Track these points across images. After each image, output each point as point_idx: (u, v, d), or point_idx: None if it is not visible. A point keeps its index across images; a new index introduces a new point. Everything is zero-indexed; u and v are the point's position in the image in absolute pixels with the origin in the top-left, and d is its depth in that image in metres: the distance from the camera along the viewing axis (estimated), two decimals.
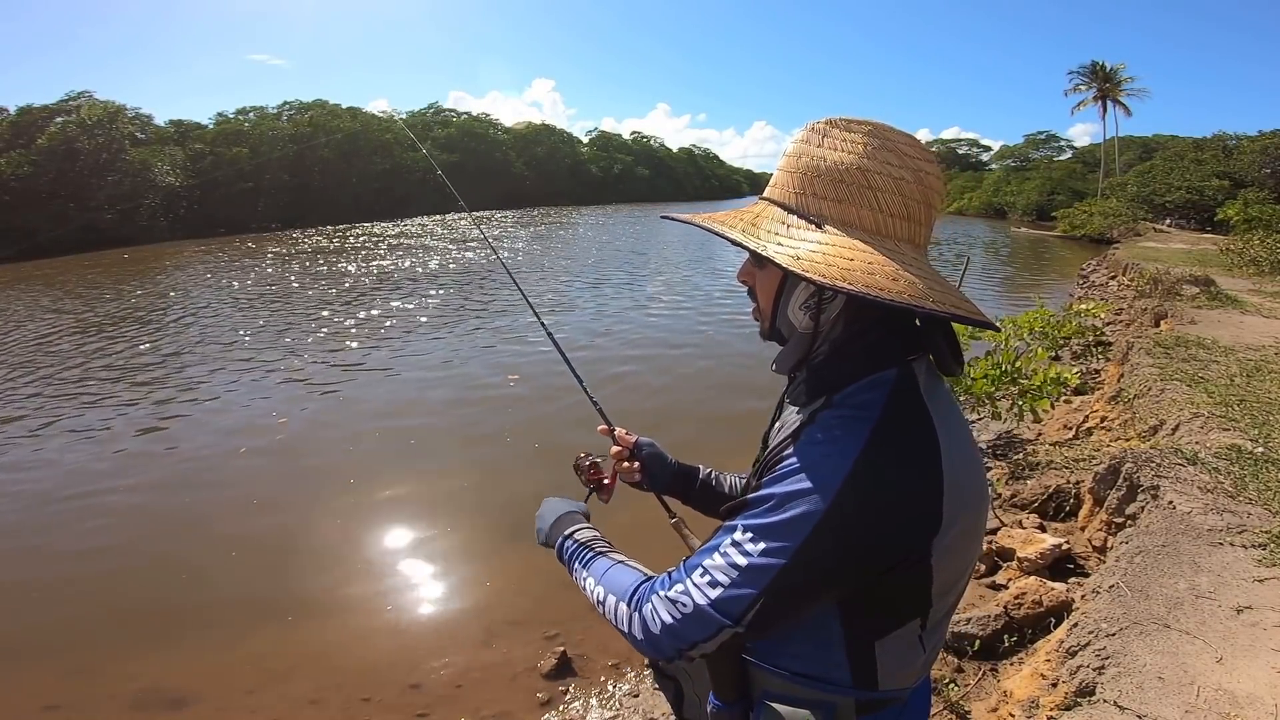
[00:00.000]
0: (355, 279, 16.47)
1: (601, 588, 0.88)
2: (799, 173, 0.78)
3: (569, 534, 1.02)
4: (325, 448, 5.96)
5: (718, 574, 0.73)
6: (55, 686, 3.13)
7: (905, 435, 0.72)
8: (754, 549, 0.71)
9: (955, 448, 0.73)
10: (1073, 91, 44.37)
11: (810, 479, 0.69)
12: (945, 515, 0.70)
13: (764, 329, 0.89)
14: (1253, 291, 9.11)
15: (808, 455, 0.72)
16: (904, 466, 0.70)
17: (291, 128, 42.74)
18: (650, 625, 0.78)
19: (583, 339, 9.76)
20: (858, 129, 0.76)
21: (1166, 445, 3.35)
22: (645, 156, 79.31)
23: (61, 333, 11.05)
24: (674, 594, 0.76)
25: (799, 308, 0.82)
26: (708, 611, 0.73)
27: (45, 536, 4.52)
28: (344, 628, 3.52)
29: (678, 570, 0.79)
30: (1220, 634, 1.98)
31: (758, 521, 0.71)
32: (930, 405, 0.75)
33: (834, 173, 0.75)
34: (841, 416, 0.74)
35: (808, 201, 0.76)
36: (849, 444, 0.70)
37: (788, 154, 0.81)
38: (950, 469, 0.71)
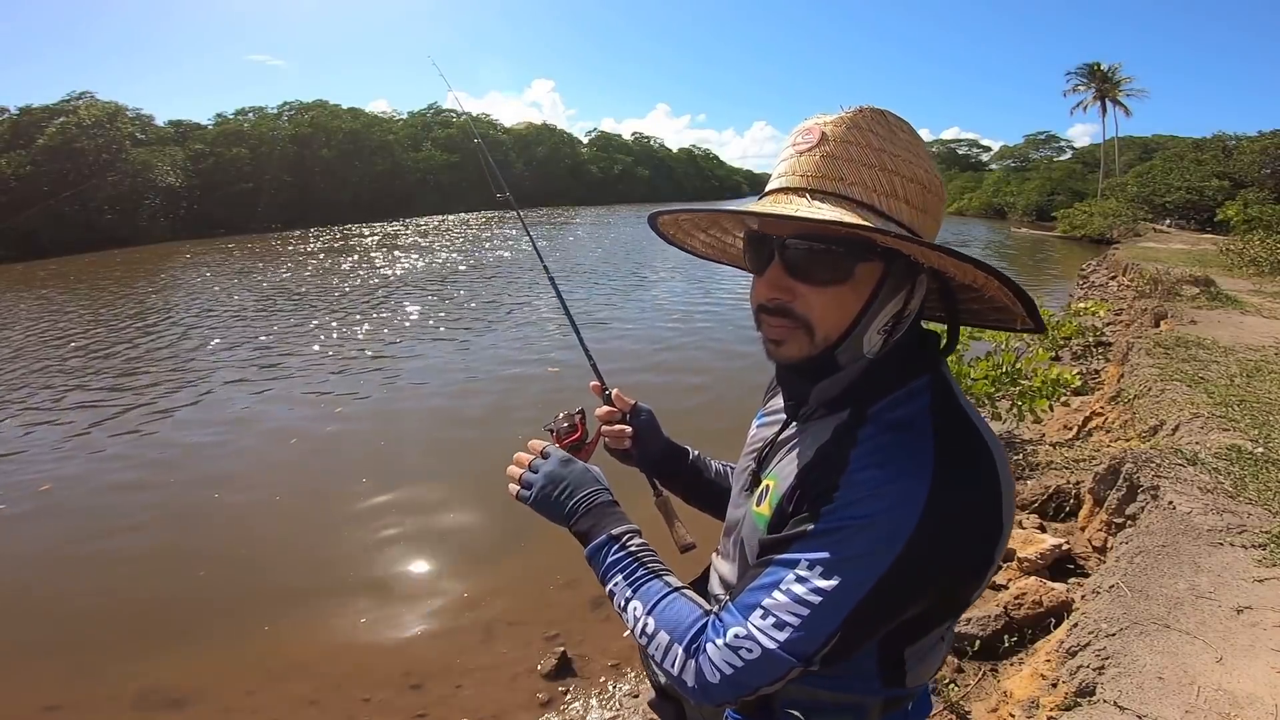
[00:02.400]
0: (361, 279, 16.47)
1: (651, 620, 0.76)
2: (888, 171, 0.68)
3: (615, 535, 0.86)
4: (327, 448, 5.96)
5: (784, 614, 0.66)
6: (55, 686, 3.13)
7: (966, 451, 0.68)
8: (826, 584, 0.65)
9: (995, 446, 0.71)
10: (1071, 92, 44.45)
11: (884, 507, 0.64)
12: (1005, 521, 0.69)
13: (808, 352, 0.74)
14: (1253, 292, 9.10)
15: (872, 481, 0.66)
16: (973, 483, 0.67)
17: (291, 128, 42.74)
18: (707, 674, 0.70)
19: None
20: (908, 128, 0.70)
21: (1166, 445, 3.35)
22: (645, 157, 79.33)
23: (63, 333, 11.05)
24: (733, 640, 0.68)
25: (879, 331, 0.72)
26: (777, 654, 0.66)
27: (45, 536, 4.52)
28: (344, 628, 3.52)
29: (729, 612, 0.71)
30: (1220, 634, 1.98)
31: (829, 555, 0.65)
32: (965, 408, 0.72)
33: (924, 177, 0.69)
34: (894, 435, 0.69)
35: (902, 209, 0.68)
36: (918, 468, 0.65)
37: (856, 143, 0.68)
38: (1002, 470, 0.69)
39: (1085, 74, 43.50)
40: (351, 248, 24.79)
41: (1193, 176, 33.26)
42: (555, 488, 0.91)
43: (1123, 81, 42.49)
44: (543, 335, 9.89)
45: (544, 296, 13.40)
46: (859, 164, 0.68)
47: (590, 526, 0.87)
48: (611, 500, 0.91)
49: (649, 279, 16.20)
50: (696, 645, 0.72)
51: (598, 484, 0.92)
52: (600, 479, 0.94)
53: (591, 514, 0.88)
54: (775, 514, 0.75)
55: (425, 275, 17.01)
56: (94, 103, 33.34)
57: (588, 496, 0.90)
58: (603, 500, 0.90)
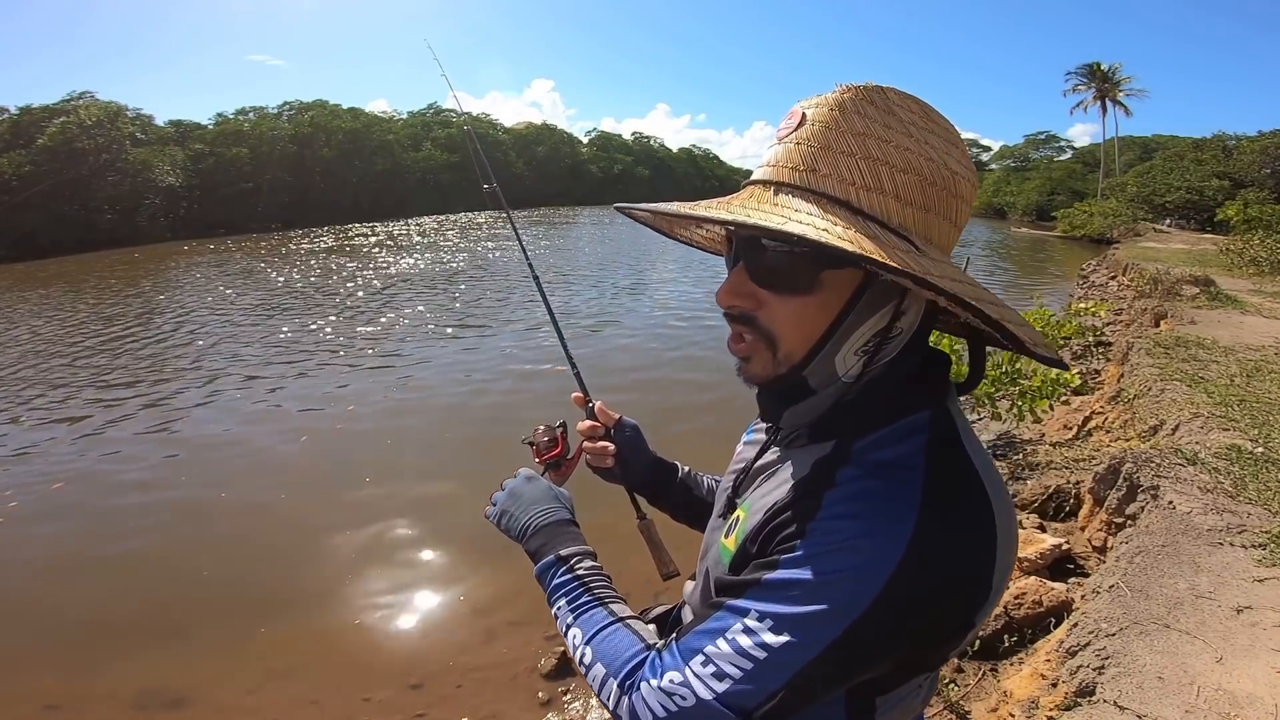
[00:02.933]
0: (365, 279, 16.47)
1: (589, 649, 0.72)
2: (871, 160, 0.58)
3: (563, 556, 0.81)
4: (333, 447, 5.97)
5: (725, 664, 0.60)
6: (55, 686, 3.13)
7: (958, 507, 0.59)
8: (775, 641, 0.58)
9: (999, 503, 0.61)
10: (1071, 92, 44.45)
11: (848, 564, 0.56)
12: (994, 584, 0.61)
13: (776, 373, 0.66)
14: (1253, 291, 9.11)
15: (842, 533, 0.58)
16: (960, 546, 0.58)
17: (292, 128, 42.74)
18: (641, 714, 0.64)
19: (588, 337, 9.78)
20: (917, 108, 0.60)
21: (1166, 445, 3.35)
22: (645, 156, 79.31)
23: (72, 333, 11.06)
24: (668, 684, 0.62)
25: (855, 352, 0.63)
26: (712, 705, 0.60)
27: (49, 536, 4.52)
28: (344, 628, 3.53)
29: (670, 653, 0.65)
30: (1220, 634, 1.98)
31: (781, 610, 0.58)
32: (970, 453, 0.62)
33: (922, 169, 0.58)
34: (876, 484, 0.59)
35: (889, 205, 0.58)
36: (894, 523, 0.56)
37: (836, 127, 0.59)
38: (1001, 532, 0.60)
39: (1085, 74, 43.51)
40: (354, 248, 24.78)
41: (1193, 176, 33.27)
42: (513, 503, 0.89)
43: (1123, 81, 42.51)
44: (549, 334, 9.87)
45: (550, 296, 13.38)
46: (836, 152, 0.58)
47: (540, 546, 0.84)
48: (567, 520, 0.87)
49: (653, 279, 16.20)
50: (631, 682, 0.67)
51: (555, 502, 0.89)
52: (561, 497, 0.90)
53: (542, 533, 0.85)
54: (738, 552, 0.69)
55: (429, 275, 17.01)
56: (94, 103, 33.32)
57: (541, 514, 0.87)
58: (556, 519, 0.86)
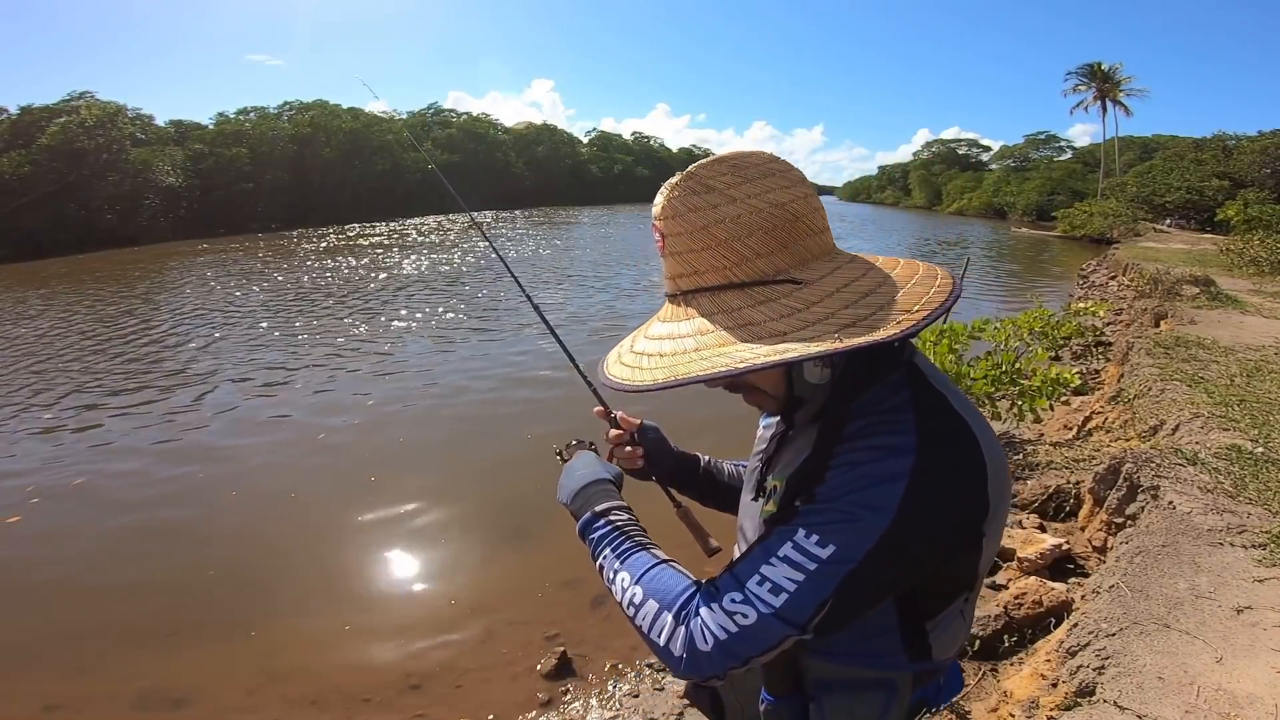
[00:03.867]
0: (369, 279, 16.48)
1: (639, 589, 0.77)
2: (721, 241, 0.71)
3: (601, 511, 0.88)
4: (330, 450, 5.96)
5: (779, 579, 0.68)
6: (55, 686, 3.13)
7: (945, 428, 0.72)
8: (822, 552, 0.67)
9: (980, 431, 0.74)
10: (1071, 92, 44.43)
11: (873, 480, 0.68)
12: (991, 498, 0.72)
13: (778, 407, 0.83)
14: (1253, 292, 9.11)
15: (860, 458, 0.70)
16: (956, 457, 0.71)
17: (292, 128, 42.73)
18: (699, 641, 0.70)
19: (591, 340, 9.78)
20: (725, 169, 0.73)
21: (1166, 445, 3.35)
22: (645, 156, 79.40)
23: (82, 333, 11.06)
24: (728, 605, 0.70)
25: (814, 366, 0.77)
26: (770, 620, 0.68)
27: (45, 537, 4.52)
28: (344, 628, 3.52)
29: (724, 580, 0.73)
30: (1220, 634, 1.98)
31: (823, 523, 0.68)
32: (945, 393, 0.76)
33: (758, 222, 0.71)
34: (879, 422, 0.72)
35: (759, 265, 0.71)
36: (901, 443, 0.69)
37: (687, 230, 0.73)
38: (988, 451, 0.72)
39: (1085, 74, 43.50)
40: (355, 248, 24.79)
41: (1193, 176, 33.26)
42: (565, 477, 0.99)
43: (1123, 81, 42.50)
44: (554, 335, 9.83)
45: (557, 295, 13.40)
46: (699, 251, 0.72)
47: (580, 506, 0.92)
48: (607, 483, 0.95)
49: (656, 280, 16.21)
50: (686, 612, 0.72)
51: (598, 468, 0.98)
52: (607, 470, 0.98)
53: (581, 494, 0.93)
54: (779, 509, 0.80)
55: (432, 276, 17.02)
56: (94, 103, 33.31)
57: (581, 478, 0.95)
58: (593, 480, 0.94)
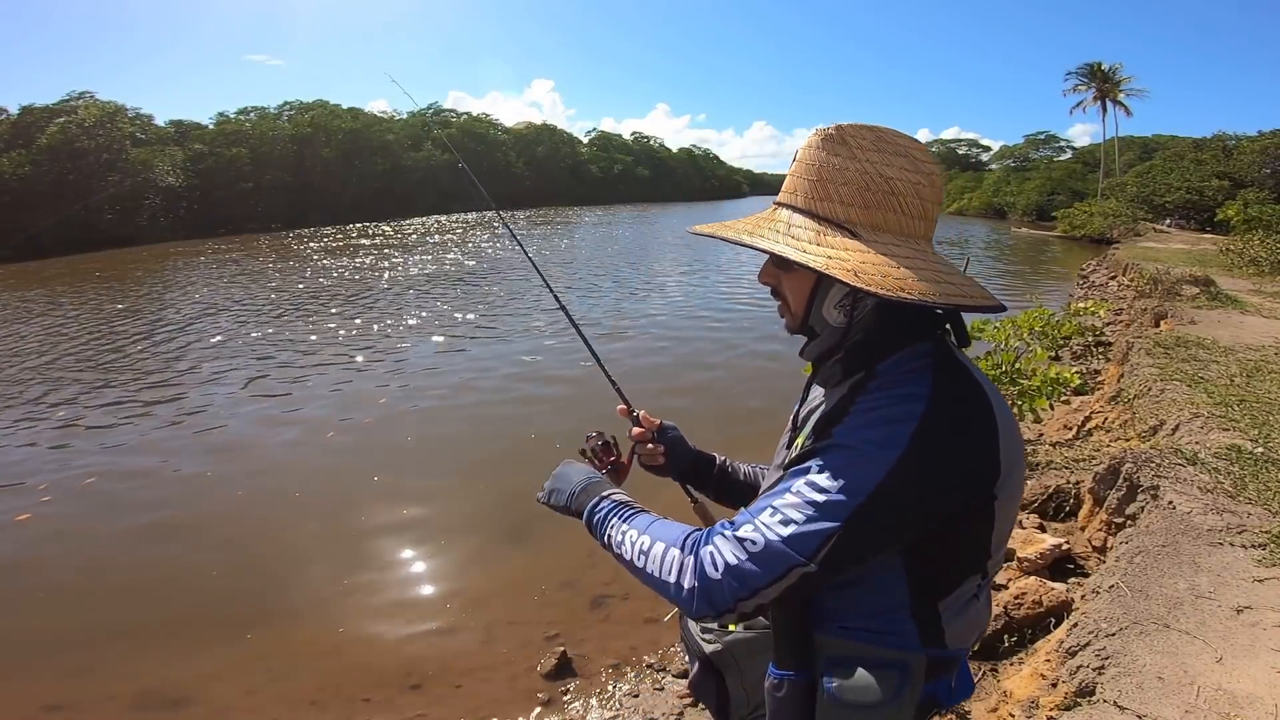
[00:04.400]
0: (373, 279, 16.48)
1: (647, 536, 0.84)
2: (822, 180, 0.81)
3: (606, 495, 0.97)
4: (331, 450, 5.96)
5: (790, 511, 0.72)
6: (56, 686, 3.13)
7: (961, 385, 0.77)
8: (832, 485, 0.71)
9: (996, 398, 0.79)
10: (1071, 92, 44.37)
11: (885, 420, 0.73)
12: (1003, 462, 0.75)
13: (794, 325, 0.91)
14: (1253, 292, 9.10)
15: (877, 403, 0.75)
16: (967, 409, 0.75)
17: (292, 128, 42.72)
18: (709, 568, 0.74)
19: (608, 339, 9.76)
20: (870, 135, 0.80)
21: (1166, 445, 3.35)
22: (645, 156, 79.38)
23: (71, 333, 11.06)
24: (741, 533, 0.74)
25: (834, 307, 0.85)
26: (779, 548, 0.71)
27: (51, 536, 4.52)
28: (344, 628, 3.53)
29: (741, 514, 0.78)
30: (1220, 634, 1.98)
31: (834, 460, 0.73)
32: (966, 364, 0.82)
33: (858, 180, 0.79)
34: (899, 376, 0.78)
35: (835, 208, 0.80)
36: (916, 392, 0.74)
37: (804, 162, 0.83)
38: (1000, 416, 0.77)
39: (1085, 74, 43.45)
40: (356, 248, 24.79)
41: (1193, 176, 33.25)
42: (558, 482, 1.05)
43: (1123, 81, 42.43)
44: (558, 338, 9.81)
45: (563, 293, 13.39)
46: (803, 178, 0.83)
47: (584, 501, 0.99)
48: (602, 479, 1.03)
49: (659, 280, 16.21)
50: (696, 541, 0.79)
51: (594, 473, 1.05)
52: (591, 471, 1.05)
53: (583, 492, 1.00)
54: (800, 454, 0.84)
55: (435, 276, 17.03)
56: (94, 103, 33.34)
57: (581, 481, 1.02)
58: (595, 479, 1.02)
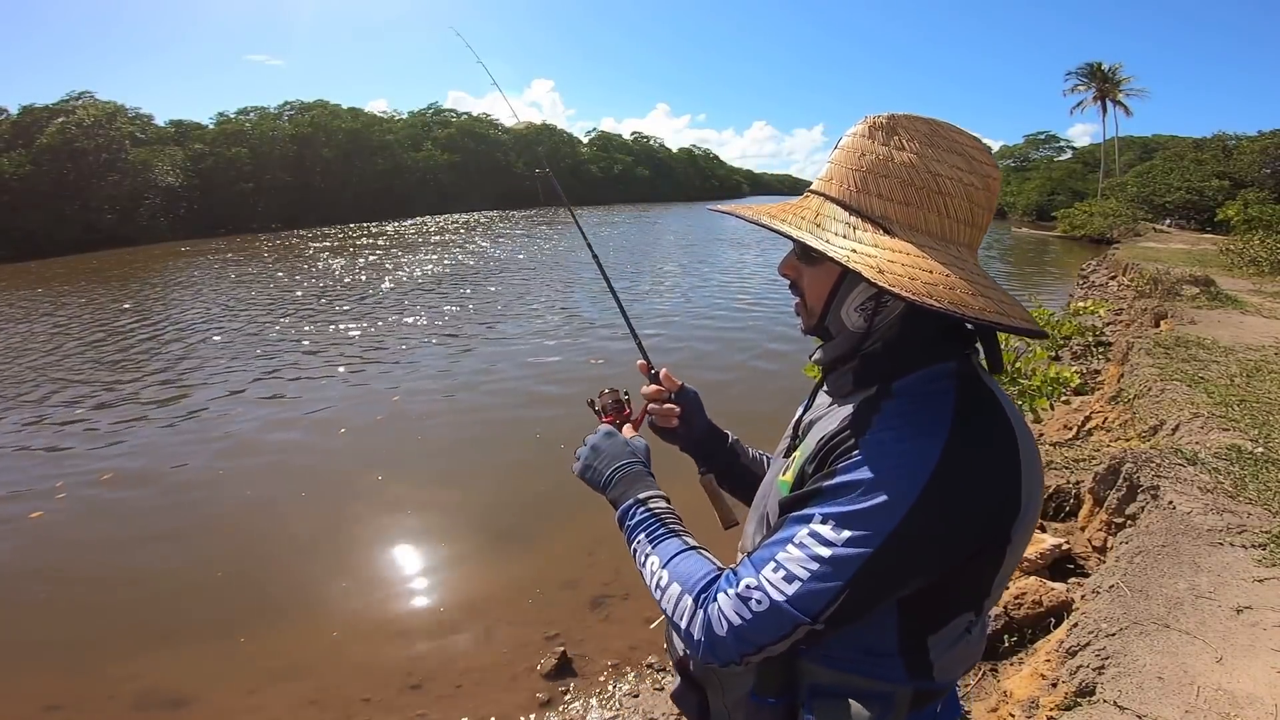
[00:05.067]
0: (377, 277, 16.47)
1: (666, 573, 0.80)
2: (861, 170, 0.74)
3: (641, 499, 0.91)
4: (332, 451, 5.96)
5: (794, 567, 0.68)
6: (56, 686, 3.13)
7: (984, 420, 0.70)
8: (837, 538, 0.66)
9: (1021, 431, 0.73)
10: (1071, 92, 44.34)
11: (897, 463, 0.67)
12: (1023, 499, 0.70)
13: (809, 325, 0.85)
14: (1253, 292, 9.09)
15: (889, 439, 0.69)
16: (989, 451, 0.69)
17: (292, 128, 42.73)
18: (715, 626, 0.71)
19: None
20: (924, 128, 0.74)
21: (1166, 445, 3.35)
22: (645, 156, 79.39)
23: (72, 332, 11.06)
24: (744, 591, 0.70)
25: (855, 309, 0.79)
26: (784, 608, 0.67)
27: (45, 537, 4.52)
28: (344, 628, 3.53)
29: (744, 565, 0.73)
30: (1220, 634, 1.98)
31: (840, 509, 0.67)
32: (994, 390, 0.75)
33: (902, 174, 0.73)
34: (915, 403, 0.71)
35: (872, 202, 0.74)
36: (933, 428, 0.67)
37: (847, 149, 0.77)
38: (1024, 452, 0.71)
39: (1085, 74, 43.42)
40: (356, 247, 24.80)
41: (1193, 176, 33.23)
42: (596, 458, 0.99)
43: (1123, 81, 42.40)
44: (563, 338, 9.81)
45: (571, 294, 13.39)
46: (842, 166, 0.77)
47: (620, 493, 0.93)
48: (644, 470, 0.96)
49: (663, 281, 16.21)
50: (706, 596, 0.74)
51: (633, 455, 0.98)
52: (638, 451, 0.99)
53: (622, 482, 0.94)
54: (797, 478, 0.79)
55: (440, 276, 17.01)
56: (94, 103, 33.37)
57: (621, 467, 0.96)
58: (635, 470, 0.96)
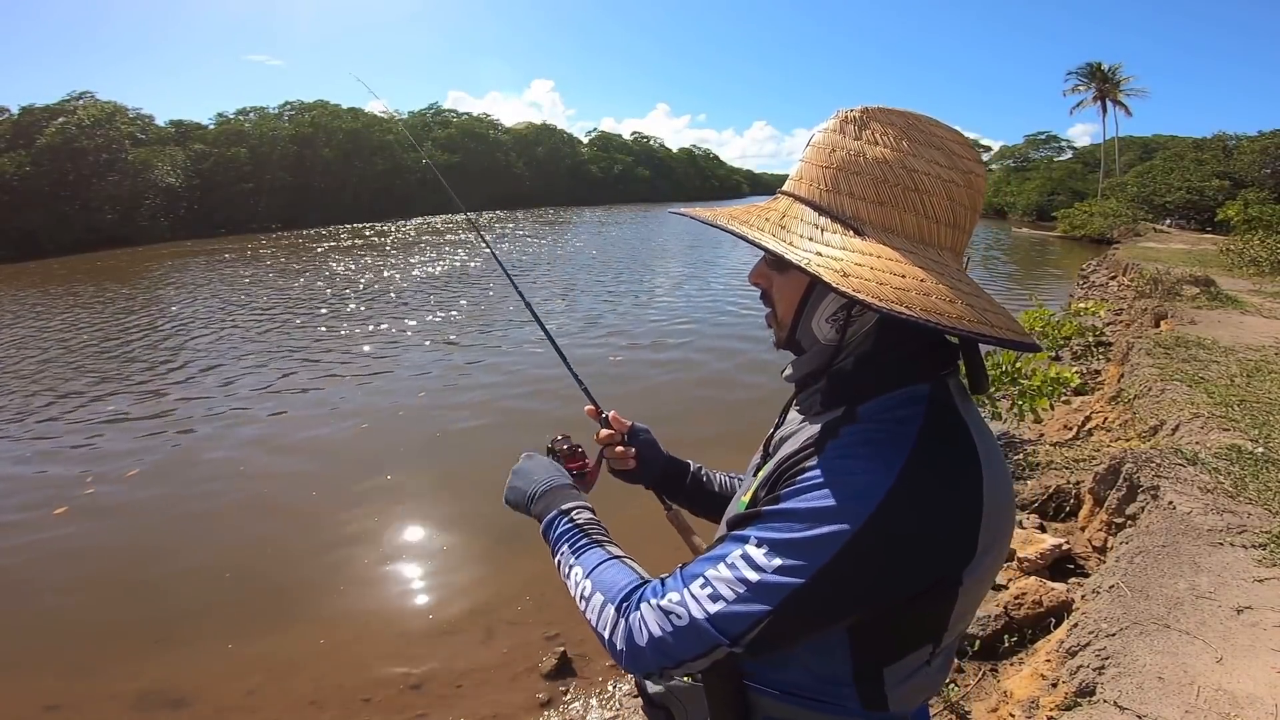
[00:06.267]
0: (371, 280, 16.46)
1: (589, 582, 0.78)
2: (832, 168, 0.69)
3: (565, 510, 0.89)
4: (332, 452, 5.96)
5: (721, 586, 0.65)
6: (56, 686, 3.13)
7: (947, 456, 0.65)
8: (768, 564, 0.63)
9: (992, 471, 0.67)
10: (1071, 92, 44.34)
11: (842, 494, 0.62)
12: (980, 543, 0.65)
13: (780, 338, 0.81)
14: (1253, 292, 9.10)
15: (839, 469, 0.64)
16: (946, 490, 0.64)
17: (292, 128, 42.77)
18: (635, 636, 0.69)
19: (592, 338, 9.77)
20: (900, 121, 0.68)
21: (1166, 445, 3.35)
22: (645, 157, 79.41)
23: (68, 334, 11.06)
24: (666, 603, 0.68)
25: (825, 320, 0.74)
26: (703, 626, 0.65)
27: (45, 536, 4.52)
28: (344, 628, 3.52)
29: (673, 578, 0.70)
30: (1220, 634, 1.98)
31: (776, 535, 0.64)
32: (968, 422, 0.69)
33: (875, 171, 0.67)
34: (875, 431, 0.67)
35: (843, 201, 0.68)
36: (888, 459, 0.63)
37: (817, 145, 0.71)
38: (989, 494, 0.65)
39: (1086, 74, 43.41)
40: (357, 247, 24.80)
41: (1193, 176, 33.24)
42: (518, 479, 0.99)
43: (1123, 81, 42.39)
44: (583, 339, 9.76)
45: (572, 296, 13.40)
46: (812, 164, 0.72)
47: (544, 507, 0.92)
48: (567, 485, 0.95)
49: (665, 281, 16.21)
50: (628, 604, 0.72)
51: (555, 471, 0.98)
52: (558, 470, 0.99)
53: (544, 497, 0.93)
54: (751, 500, 0.77)
55: (442, 276, 17.00)
56: (94, 103, 33.41)
57: (542, 481, 0.95)
58: (558, 483, 0.95)
